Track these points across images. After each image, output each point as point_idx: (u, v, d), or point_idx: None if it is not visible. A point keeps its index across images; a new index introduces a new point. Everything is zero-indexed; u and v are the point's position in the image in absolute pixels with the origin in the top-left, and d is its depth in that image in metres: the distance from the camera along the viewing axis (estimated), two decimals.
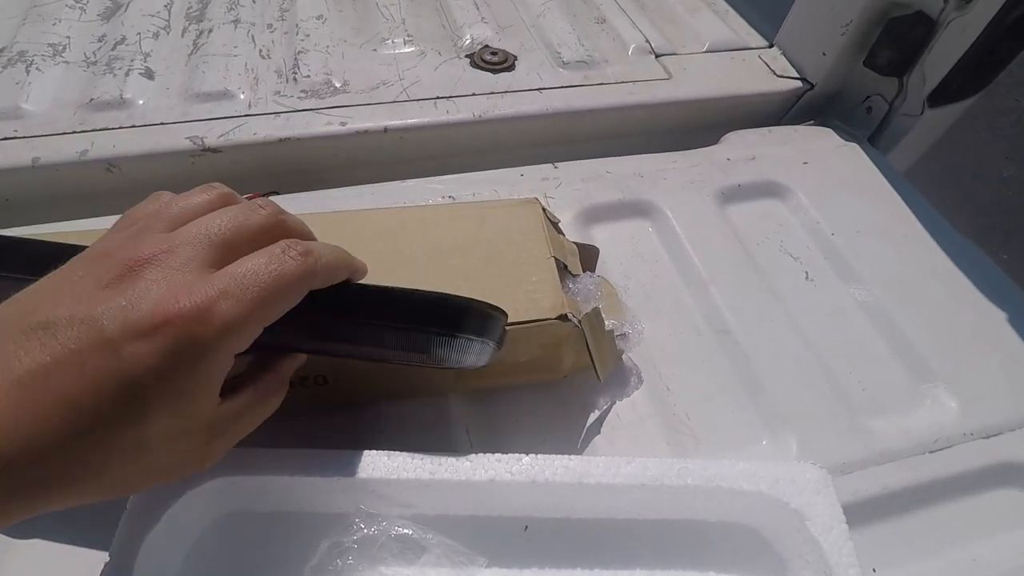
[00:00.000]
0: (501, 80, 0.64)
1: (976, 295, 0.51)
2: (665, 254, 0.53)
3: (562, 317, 0.37)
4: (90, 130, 0.56)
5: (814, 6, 0.65)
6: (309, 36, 0.68)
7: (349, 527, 0.32)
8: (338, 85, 0.62)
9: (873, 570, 0.36)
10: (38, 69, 0.62)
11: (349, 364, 0.37)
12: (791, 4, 0.68)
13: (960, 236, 0.55)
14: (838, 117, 0.68)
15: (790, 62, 0.69)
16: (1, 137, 0.55)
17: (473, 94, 0.62)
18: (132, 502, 0.31)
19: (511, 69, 0.66)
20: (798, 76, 0.67)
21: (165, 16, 0.70)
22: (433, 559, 0.32)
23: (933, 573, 0.37)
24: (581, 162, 0.59)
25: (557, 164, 0.59)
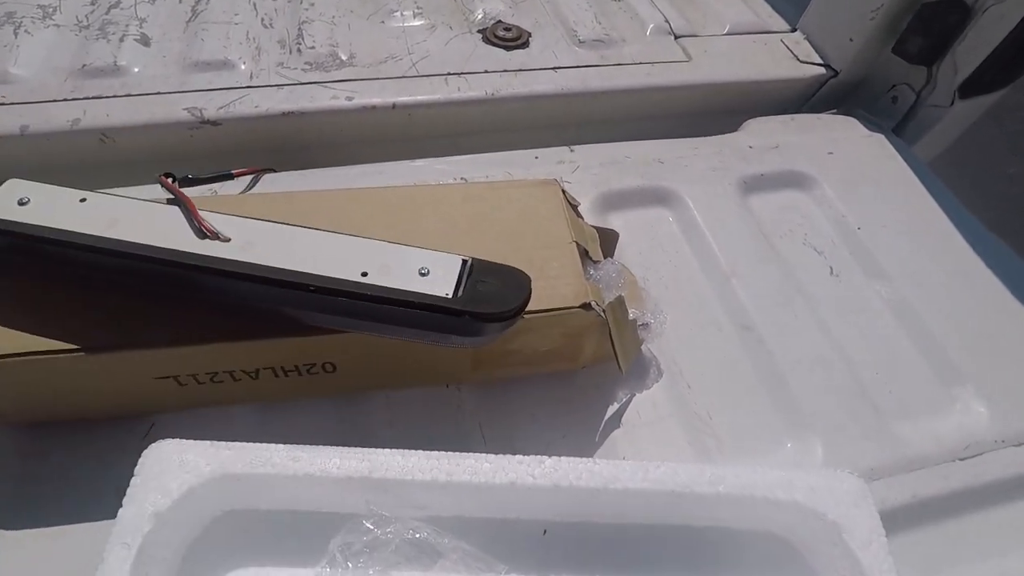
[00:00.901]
0: (515, 57, 0.61)
1: (1006, 296, 0.49)
2: (685, 244, 0.51)
3: (585, 306, 0.36)
4: (82, 98, 0.53)
5: None
6: (314, 5, 0.65)
7: (359, 528, 0.31)
8: (344, 58, 0.59)
9: None
10: (27, 32, 0.58)
11: (358, 352, 0.35)
12: None
13: (990, 235, 0.54)
14: (861, 106, 0.65)
15: (814, 47, 0.66)
16: None
17: (485, 71, 0.59)
18: (130, 495, 0.29)
19: (525, 46, 0.63)
20: (822, 62, 0.65)
21: None
22: (449, 564, 0.30)
23: None
24: (599, 145, 0.57)
25: (573, 147, 0.56)
